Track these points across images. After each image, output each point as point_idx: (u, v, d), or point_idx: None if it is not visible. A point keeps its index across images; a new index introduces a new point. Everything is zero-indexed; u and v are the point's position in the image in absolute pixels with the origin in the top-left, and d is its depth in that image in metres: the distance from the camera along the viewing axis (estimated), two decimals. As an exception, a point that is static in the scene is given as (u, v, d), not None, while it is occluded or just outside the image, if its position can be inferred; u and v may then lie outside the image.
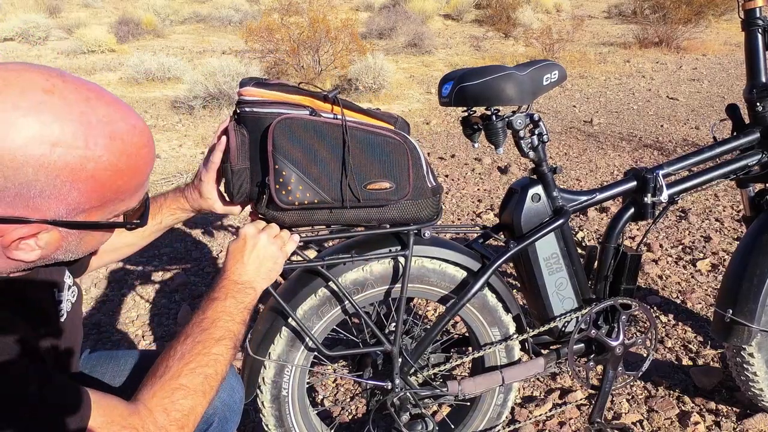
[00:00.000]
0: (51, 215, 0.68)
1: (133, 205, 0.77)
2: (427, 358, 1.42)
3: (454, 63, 8.89)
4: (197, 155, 4.80)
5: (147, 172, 0.76)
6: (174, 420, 0.81)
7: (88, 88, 0.69)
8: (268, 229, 1.06)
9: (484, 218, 3.36)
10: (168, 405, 0.81)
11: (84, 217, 0.71)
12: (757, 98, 1.41)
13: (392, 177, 1.10)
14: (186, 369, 0.85)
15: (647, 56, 9.20)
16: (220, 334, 0.91)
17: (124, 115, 0.71)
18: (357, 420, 1.77)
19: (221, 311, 0.94)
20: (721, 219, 3.12)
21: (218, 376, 0.88)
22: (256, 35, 7.58)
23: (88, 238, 0.76)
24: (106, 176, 0.69)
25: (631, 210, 1.40)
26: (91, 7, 14.82)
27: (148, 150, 0.75)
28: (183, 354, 0.87)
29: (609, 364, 1.43)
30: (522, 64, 1.25)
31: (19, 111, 0.62)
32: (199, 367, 0.86)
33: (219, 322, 0.92)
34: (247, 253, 1.02)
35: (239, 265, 1.01)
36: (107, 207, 0.73)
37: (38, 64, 0.69)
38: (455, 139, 5.19)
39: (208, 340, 0.89)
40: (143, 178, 0.75)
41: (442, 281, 1.30)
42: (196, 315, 0.93)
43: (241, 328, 0.95)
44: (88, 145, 0.66)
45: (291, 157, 1.03)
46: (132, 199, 0.76)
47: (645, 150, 4.57)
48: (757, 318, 1.40)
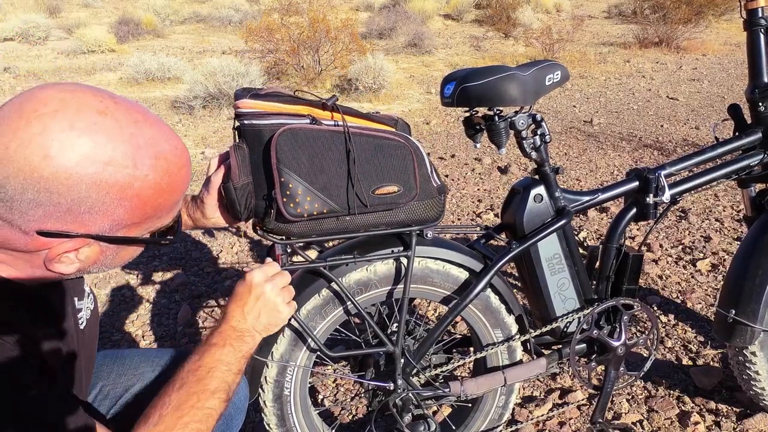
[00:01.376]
0: (95, 230, 0.71)
1: (168, 222, 0.80)
2: (429, 359, 1.42)
3: (454, 63, 8.89)
4: (197, 155, 4.79)
5: (184, 191, 0.79)
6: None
7: (137, 110, 0.73)
8: (277, 278, 1.03)
9: (484, 218, 3.36)
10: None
11: (124, 233, 0.74)
12: (759, 98, 1.41)
13: (399, 180, 1.09)
14: (180, 423, 0.84)
15: (647, 56, 9.21)
16: (216, 385, 0.89)
17: (167, 137, 0.75)
18: (358, 420, 1.77)
19: (218, 360, 0.92)
20: (722, 219, 3.13)
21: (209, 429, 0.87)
22: (256, 35, 7.58)
23: (123, 252, 0.79)
24: (149, 194, 0.72)
25: (632, 210, 1.40)
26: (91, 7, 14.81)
27: (187, 170, 0.78)
28: (178, 405, 0.85)
29: (611, 365, 1.44)
30: (524, 65, 1.25)
31: (74, 131, 0.66)
32: (192, 422, 0.85)
33: (215, 372, 0.91)
34: (250, 301, 1.00)
35: (239, 312, 0.99)
36: (146, 223, 0.76)
37: (89, 85, 0.73)
38: (455, 139, 5.19)
39: (203, 392, 0.88)
40: (180, 196, 0.79)
41: (444, 282, 1.30)
42: (193, 359, 0.92)
43: (236, 379, 0.94)
44: (136, 165, 0.70)
45: (296, 169, 1.02)
46: (168, 216, 0.79)
47: (645, 150, 4.58)
48: (759, 318, 1.40)
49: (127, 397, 1.02)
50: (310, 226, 1.09)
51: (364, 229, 1.14)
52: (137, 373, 1.05)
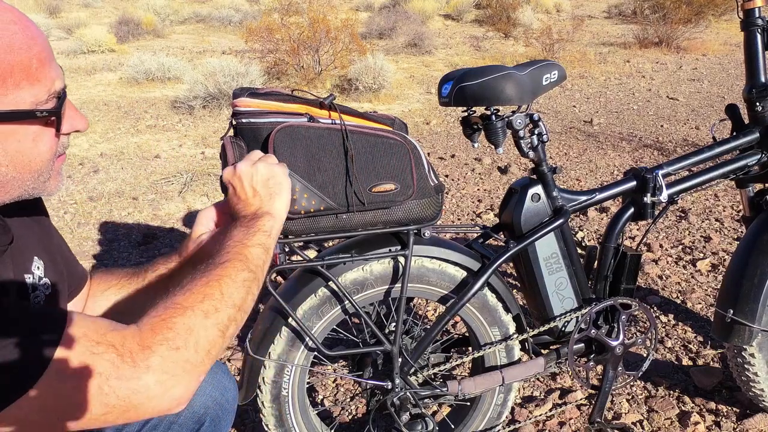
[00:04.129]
0: None
1: (40, 94, 0.71)
2: (427, 358, 1.42)
3: (454, 63, 8.89)
4: (197, 155, 4.80)
5: (33, 53, 0.70)
6: (164, 339, 0.71)
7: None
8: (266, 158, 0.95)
9: (484, 218, 3.36)
10: (157, 323, 0.72)
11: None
12: (756, 98, 1.41)
13: (396, 178, 1.10)
14: (182, 291, 0.77)
15: (647, 56, 9.21)
16: (225, 258, 0.82)
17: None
18: (357, 420, 1.77)
19: (227, 239, 0.86)
20: (721, 219, 3.13)
21: (223, 297, 0.78)
22: (256, 35, 7.59)
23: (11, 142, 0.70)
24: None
25: (630, 210, 1.40)
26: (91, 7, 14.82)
27: (22, 28, 0.69)
28: (184, 284, 0.80)
29: (609, 364, 1.43)
30: (522, 64, 1.25)
31: None
32: (197, 287, 0.78)
33: (224, 249, 0.84)
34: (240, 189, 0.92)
35: (240, 203, 0.92)
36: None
37: None
38: (455, 139, 5.19)
39: (211, 264, 0.81)
40: (30, 58, 0.69)
41: (442, 281, 1.30)
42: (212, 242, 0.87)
43: (257, 252, 0.85)
44: None
45: (294, 166, 1.03)
46: (33, 86, 0.70)
47: (645, 150, 4.57)
48: (758, 318, 1.40)
49: None
50: (307, 224, 1.09)
51: (362, 228, 1.15)
52: None
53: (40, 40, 0.72)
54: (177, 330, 0.72)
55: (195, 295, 0.76)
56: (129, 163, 4.61)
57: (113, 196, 3.88)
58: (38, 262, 0.88)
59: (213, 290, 0.78)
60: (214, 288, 0.78)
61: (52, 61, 0.74)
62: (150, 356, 0.69)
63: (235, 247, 0.84)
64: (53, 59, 0.74)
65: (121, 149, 4.97)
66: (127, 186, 4.07)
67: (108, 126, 5.68)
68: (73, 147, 4.84)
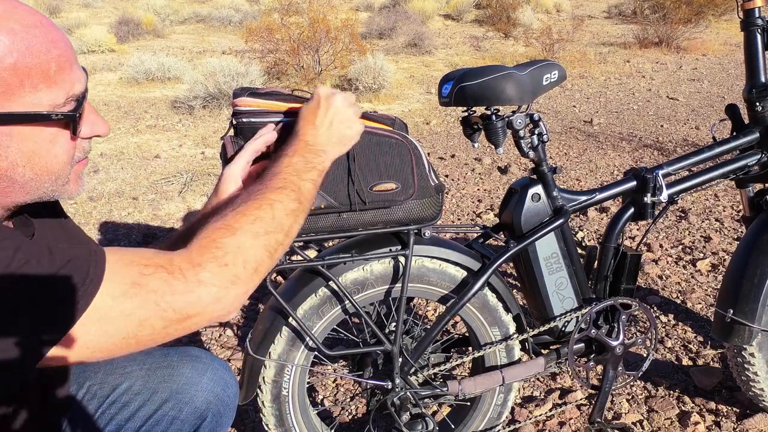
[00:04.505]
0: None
1: (58, 98, 0.72)
2: (427, 358, 1.42)
3: (454, 63, 8.89)
4: (197, 155, 4.80)
5: (53, 56, 0.70)
6: (213, 257, 0.76)
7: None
8: (347, 93, 1.01)
9: (484, 218, 3.36)
10: (206, 243, 0.77)
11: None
12: (756, 98, 1.41)
13: (397, 177, 1.11)
14: (234, 212, 0.81)
15: (647, 56, 9.21)
16: (281, 184, 0.86)
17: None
18: (357, 420, 1.77)
19: (286, 165, 0.89)
20: (721, 219, 3.13)
21: (274, 221, 0.82)
22: (256, 35, 7.59)
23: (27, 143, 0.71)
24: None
25: (630, 210, 1.40)
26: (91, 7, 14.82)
27: (43, 32, 0.70)
28: (237, 204, 0.84)
29: (609, 364, 1.44)
30: (522, 64, 1.26)
31: None
32: (249, 210, 0.81)
33: (281, 175, 0.88)
34: (320, 113, 0.96)
35: (310, 127, 0.96)
36: (17, 94, 0.68)
37: None
38: (455, 139, 5.19)
39: (265, 189, 0.85)
40: (48, 61, 0.70)
41: (442, 281, 1.30)
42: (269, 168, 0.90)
43: (308, 186, 0.89)
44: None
45: None
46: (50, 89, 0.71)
47: (645, 150, 4.57)
48: (757, 318, 1.40)
49: (114, 396, 1.01)
50: (308, 223, 1.09)
51: (362, 228, 1.15)
52: (125, 372, 1.04)
53: (61, 44, 0.72)
54: (226, 249, 0.77)
55: (246, 217, 0.80)
56: (129, 163, 4.61)
57: (113, 196, 3.88)
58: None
59: (265, 213, 0.82)
60: (266, 211, 0.82)
61: (73, 65, 0.74)
62: (200, 272, 0.74)
63: (292, 176, 0.88)
64: (75, 63, 0.75)
65: (121, 149, 4.97)
66: (127, 186, 4.07)
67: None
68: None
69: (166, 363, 1.05)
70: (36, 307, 0.64)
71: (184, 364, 1.05)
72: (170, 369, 1.04)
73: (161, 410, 0.99)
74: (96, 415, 0.99)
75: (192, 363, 1.06)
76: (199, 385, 1.03)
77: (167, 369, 1.04)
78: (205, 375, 1.04)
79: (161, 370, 1.03)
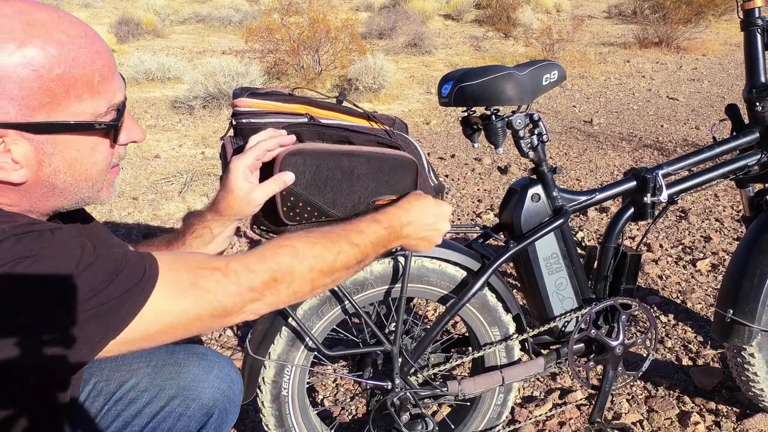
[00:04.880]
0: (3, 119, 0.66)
1: (101, 107, 0.74)
2: (427, 358, 1.42)
3: (454, 63, 8.89)
4: (197, 155, 4.80)
5: (97, 67, 0.72)
6: (267, 268, 0.81)
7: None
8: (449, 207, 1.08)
9: (484, 218, 3.36)
10: (267, 254, 0.82)
11: (44, 118, 0.69)
12: (756, 98, 1.41)
13: (399, 192, 1.09)
14: (306, 239, 0.85)
15: (647, 56, 9.21)
16: (358, 242, 0.91)
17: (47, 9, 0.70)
18: (357, 420, 1.77)
19: (372, 233, 0.94)
20: (721, 219, 3.13)
21: (329, 264, 0.87)
22: (256, 35, 7.59)
23: (70, 151, 0.73)
24: (37, 62, 0.66)
25: (630, 210, 1.40)
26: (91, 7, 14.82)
27: (88, 42, 0.72)
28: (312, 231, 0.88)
29: (609, 364, 1.43)
30: (522, 64, 1.25)
31: None
32: (319, 245, 0.86)
33: (363, 236, 0.93)
34: (429, 211, 1.02)
35: (416, 213, 1.01)
36: (63, 104, 0.70)
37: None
38: (455, 139, 5.19)
39: (345, 236, 0.90)
40: (93, 71, 0.72)
41: (442, 281, 1.30)
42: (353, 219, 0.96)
43: (371, 258, 0.95)
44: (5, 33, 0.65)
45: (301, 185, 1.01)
46: (94, 99, 0.73)
47: (645, 150, 4.57)
48: (757, 318, 1.40)
49: (121, 393, 1.01)
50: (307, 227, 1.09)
51: None
52: (131, 369, 1.04)
53: (104, 54, 0.74)
54: (282, 268, 0.82)
55: (313, 249, 0.85)
56: (129, 163, 4.61)
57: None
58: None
59: (330, 255, 0.87)
60: (332, 255, 0.87)
61: (115, 75, 0.77)
62: (253, 279, 0.80)
63: (370, 243, 0.94)
64: (116, 73, 0.78)
65: (121, 149, 4.96)
66: (127, 186, 4.07)
67: (108, 126, 5.67)
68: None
69: (172, 360, 1.05)
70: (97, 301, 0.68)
71: (190, 361, 1.06)
72: (177, 366, 1.05)
73: (168, 407, 0.99)
74: (102, 411, 0.99)
75: (198, 360, 1.06)
76: (206, 382, 1.04)
77: (174, 366, 1.05)
78: (211, 372, 1.05)
79: (168, 368, 1.04)
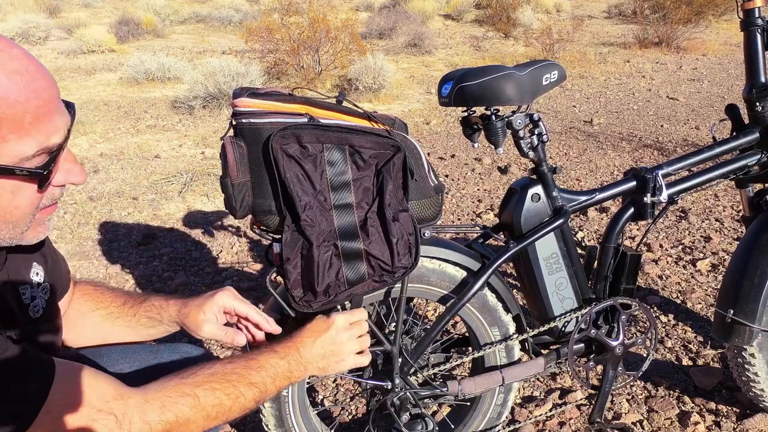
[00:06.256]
0: None
1: (27, 150, 0.66)
2: (427, 358, 1.42)
3: (454, 63, 8.89)
4: (197, 155, 4.80)
5: (31, 107, 0.65)
6: (165, 420, 0.79)
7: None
8: (356, 327, 1.08)
9: (484, 218, 3.36)
10: (168, 403, 0.79)
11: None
12: (756, 98, 1.41)
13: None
14: (208, 384, 0.84)
15: (647, 56, 9.20)
16: (257, 380, 0.91)
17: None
18: (357, 420, 1.77)
19: (272, 366, 0.94)
20: (721, 219, 3.12)
21: (229, 412, 0.86)
22: (256, 35, 7.58)
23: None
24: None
25: (630, 210, 1.40)
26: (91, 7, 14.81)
27: (26, 80, 0.65)
28: (216, 372, 0.86)
29: (609, 364, 1.43)
30: (522, 64, 1.25)
31: None
32: (220, 391, 0.85)
33: (263, 372, 0.92)
34: (324, 338, 1.03)
35: (311, 342, 1.02)
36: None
37: None
38: (455, 139, 5.19)
39: (244, 377, 0.89)
40: (24, 111, 0.65)
41: (442, 281, 1.30)
42: (253, 352, 0.95)
43: (273, 393, 0.95)
44: None
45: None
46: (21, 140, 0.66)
47: (645, 150, 4.57)
48: (758, 318, 1.40)
49: None
50: None
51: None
52: (116, 369, 1.03)
53: (44, 93, 0.67)
54: (179, 417, 0.80)
55: (212, 397, 0.84)
56: (129, 163, 4.61)
57: (113, 196, 3.88)
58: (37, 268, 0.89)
59: (227, 401, 0.86)
60: (229, 400, 0.86)
61: (54, 115, 0.69)
62: (143, 427, 0.76)
63: (269, 377, 0.92)
64: (56, 113, 0.70)
65: (121, 149, 4.97)
66: (127, 186, 4.07)
67: (108, 126, 5.68)
68: (74, 147, 4.84)
69: (156, 360, 1.05)
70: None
71: (174, 360, 1.05)
72: (160, 365, 1.04)
73: None
74: None
75: (183, 359, 1.06)
76: None
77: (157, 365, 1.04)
78: None
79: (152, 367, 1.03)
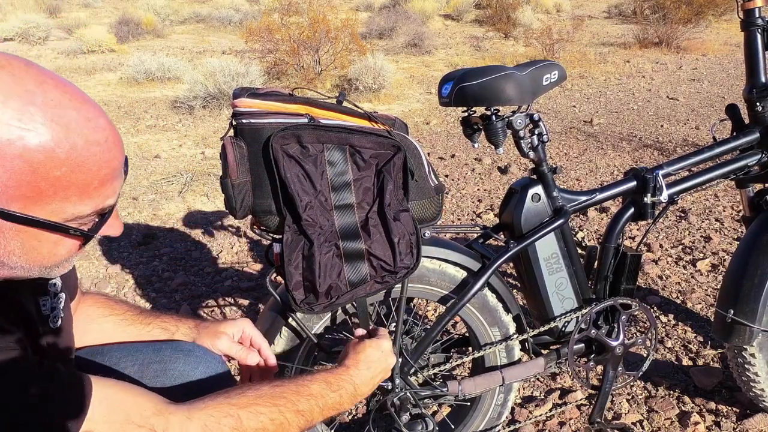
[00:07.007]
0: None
1: (85, 210, 0.68)
2: (427, 358, 1.42)
3: (454, 63, 8.89)
4: (197, 155, 4.80)
5: (100, 175, 0.67)
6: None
7: (51, 76, 0.63)
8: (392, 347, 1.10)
9: (484, 218, 3.36)
10: (210, 423, 0.79)
11: (19, 208, 0.63)
12: (756, 98, 1.41)
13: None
14: (254, 407, 0.83)
15: (647, 56, 9.20)
16: (305, 408, 0.90)
17: (81, 107, 0.65)
18: (357, 420, 1.77)
19: (322, 397, 0.93)
20: (721, 219, 3.12)
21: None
22: (256, 35, 7.58)
23: (32, 242, 0.67)
24: (38, 160, 0.61)
25: (630, 210, 1.40)
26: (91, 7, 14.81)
27: (103, 150, 0.67)
28: (263, 395, 0.86)
29: (609, 364, 1.44)
30: (522, 64, 1.25)
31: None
32: (265, 416, 0.84)
33: (312, 401, 0.91)
34: (377, 366, 1.04)
35: (365, 372, 1.02)
36: (45, 202, 0.65)
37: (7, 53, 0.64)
38: (455, 139, 5.19)
39: (293, 402, 0.88)
40: (93, 179, 0.67)
41: (442, 281, 1.30)
42: (306, 377, 0.94)
43: (315, 422, 0.94)
44: (23, 121, 0.60)
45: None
46: (81, 202, 0.67)
47: (645, 150, 4.57)
48: (758, 318, 1.40)
49: None
50: None
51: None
52: (119, 368, 1.03)
53: (114, 162, 0.69)
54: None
55: (256, 422, 0.83)
56: (129, 163, 4.60)
57: (113, 196, 3.88)
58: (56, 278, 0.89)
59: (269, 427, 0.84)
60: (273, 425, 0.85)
61: (115, 179, 0.71)
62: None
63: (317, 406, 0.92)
64: (117, 176, 0.71)
65: (121, 149, 4.96)
66: (127, 186, 4.07)
67: (108, 126, 5.67)
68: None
69: (158, 358, 1.05)
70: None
71: (176, 358, 1.05)
72: (163, 364, 1.04)
73: None
74: None
75: (185, 357, 1.05)
76: (192, 378, 1.03)
77: (159, 364, 1.04)
78: (197, 369, 1.04)
79: (154, 365, 1.03)
